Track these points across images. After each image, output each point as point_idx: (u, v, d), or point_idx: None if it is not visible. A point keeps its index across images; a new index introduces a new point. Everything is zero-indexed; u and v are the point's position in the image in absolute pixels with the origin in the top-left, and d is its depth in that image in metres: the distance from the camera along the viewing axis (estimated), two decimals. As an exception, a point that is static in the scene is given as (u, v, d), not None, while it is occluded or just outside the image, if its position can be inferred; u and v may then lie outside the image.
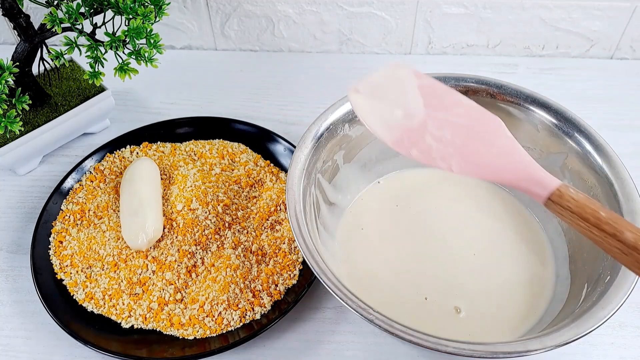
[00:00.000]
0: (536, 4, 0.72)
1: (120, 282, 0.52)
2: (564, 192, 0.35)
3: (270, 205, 0.56)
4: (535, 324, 0.48)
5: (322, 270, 0.41)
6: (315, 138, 0.50)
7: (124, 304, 0.51)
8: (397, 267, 0.52)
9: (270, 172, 0.60)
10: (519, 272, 0.51)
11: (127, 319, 0.50)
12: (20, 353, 0.50)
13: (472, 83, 0.54)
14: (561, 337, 0.38)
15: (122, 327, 0.50)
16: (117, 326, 0.50)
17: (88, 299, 0.51)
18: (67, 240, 0.55)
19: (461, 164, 0.38)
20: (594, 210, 0.34)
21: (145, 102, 0.72)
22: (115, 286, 0.52)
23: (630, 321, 0.51)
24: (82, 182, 0.60)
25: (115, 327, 0.50)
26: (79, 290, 0.52)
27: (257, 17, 0.75)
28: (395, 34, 0.76)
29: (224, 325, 0.49)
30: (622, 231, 0.32)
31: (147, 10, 0.53)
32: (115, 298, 0.51)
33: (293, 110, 0.71)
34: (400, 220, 0.56)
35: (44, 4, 0.54)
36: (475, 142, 0.38)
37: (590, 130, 0.50)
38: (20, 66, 0.58)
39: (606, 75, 0.75)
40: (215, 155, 0.62)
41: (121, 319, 0.50)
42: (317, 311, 0.52)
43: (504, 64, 0.77)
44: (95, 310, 0.51)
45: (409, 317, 0.48)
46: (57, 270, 0.53)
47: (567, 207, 0.34)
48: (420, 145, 0.39)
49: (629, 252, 0.32)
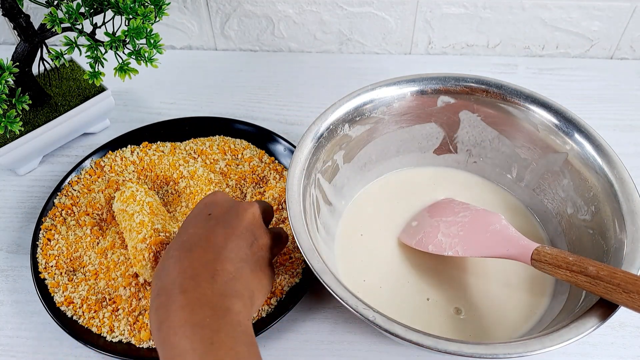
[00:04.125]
0: (536, 4, 0.72)
1: (101, 291, 0.51)
2: (540, 250, 0.43)
3: (273, 204, 0.56)
4: (535, 324, 0.48)
5: (322, 270, 0.41)
6: (315, 138, 0.50)
7: (104, 317, 0.50)
8: (398, 267, 0.52)
9: (274, 170, 0.60)
10: (519, 272, 0.51)
11: (111, 334, 0.49)
12: (20, 353, 0.50)
13: (472, 83, 0.54)
14: (561, 337, 0.38)
15: (108, 340, 0.48)
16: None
17: (67, 304, 0.51)
18: (55, 239, 0.55)
19: (464, 248, 0.48)
20: (564, 257, 0.41)
21: (145, 102, 0.72)
22: (93, 297, 0.51)
23: (630, 321, 0.51)
24: (80, 176, 0.60)
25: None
26: (58, 292, 0.51)
27: (257, 17, 0.75)
28: (395, 34, 0.76)
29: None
30: (586, 267, 0.39)
31: (147, 10, 0.53)
32: (94, 309, 0.50)
33: (293, 110, 0.71)
34: (400, 220, 0.56)
35: (44, 4, 0.54)
36: (475, 232, 0.49)
37: (590, 130, 0.50)
38: (20, 66, 0.58)
39: (606, 75, 0.75)
40: (217, 151, 0.62)
41: (105, 333, 0.49)
42: (317, 311, 0.52)
43: (504, 64, 0.77)
44: (76, 318, 0.50)
45: (409, 318, 0.48)
46: (41, 270, 0.53)
47: (545, 261, 0.42)
48: (434, 242, 0.50)
49: (596, 282, 0.39)
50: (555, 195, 0.53)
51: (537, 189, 0.55)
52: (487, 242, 0.47)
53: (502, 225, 0.48)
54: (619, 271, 0.38)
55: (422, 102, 0.55)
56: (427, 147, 0.58)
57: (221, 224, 0.42)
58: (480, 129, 0.56)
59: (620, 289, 0.37)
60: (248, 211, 0.43)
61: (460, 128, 0.57)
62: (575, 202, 0.51)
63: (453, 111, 0.55)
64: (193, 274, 0.38)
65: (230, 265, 0.39)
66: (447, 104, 0.55)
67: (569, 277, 0.40)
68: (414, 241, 0.52)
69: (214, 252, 0.39)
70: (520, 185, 0.57)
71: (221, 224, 0.42)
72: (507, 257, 0.45)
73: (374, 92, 0.53)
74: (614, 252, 0.44)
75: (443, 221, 0.52)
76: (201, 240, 0.40)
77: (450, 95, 0.54)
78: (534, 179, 0.55)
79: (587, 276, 0.39)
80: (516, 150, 0.55)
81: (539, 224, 0.55)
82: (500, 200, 0.57)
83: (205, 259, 0.39)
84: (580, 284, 0.40)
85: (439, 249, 0.50)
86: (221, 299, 0.37)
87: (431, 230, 0.52)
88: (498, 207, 0.57)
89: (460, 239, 0.49)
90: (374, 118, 0.54)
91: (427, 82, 0.54)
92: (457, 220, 0.51)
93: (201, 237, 0.41)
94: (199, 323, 0.35)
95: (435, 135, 0.57)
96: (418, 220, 0.54)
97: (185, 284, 0.37)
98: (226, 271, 0.39)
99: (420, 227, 0.53)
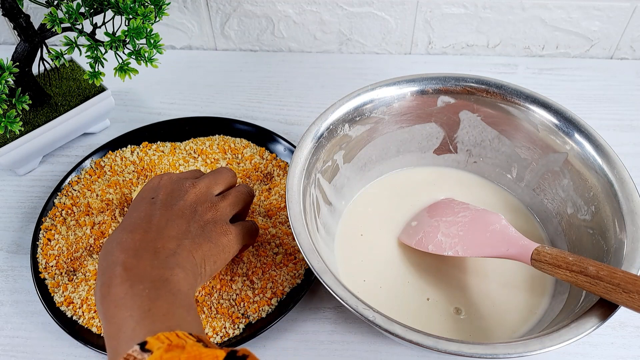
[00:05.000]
0: (536, 4, 0.72)
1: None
2: (540, 250, 0.43)
3: (280, 202, 0.56)
4: (535, 325, 0.48)
5: (322, 270, 0.41)
6: (315, 138, 0.50)
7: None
8: (398, 267, 0.52)
9: (277, 167, 0.60)
10: (519, 272, 0.51)
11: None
12: (20, 353, 0.50)
13: (472, 83, 0.54)
14: (561, 337, 0.38)
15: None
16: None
17: (66, 304, 0.50)
18: (55, 239, 0.55)
19: (464, 248, 0.48)
20: (564, 257, 0.41)
21: (145, 102, 0.72)
22: (93, 298, 0.50)
23: (630, 321, 0.51)
24: (80, 176, 0.60)
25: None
26: (58, 292, 0.51)
27: (257, 17, 0.75)
28: (395, 34, 0.76)
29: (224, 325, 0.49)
30: (586, 267, 0.39)
31: (147, 10, 0.53)
32: (95, 310, 0.50)
33: (293, 110, 0.71)
34: (400, 220, 0.56)
35: (44, 4, 0.54)
36: (475, 232, 0.49)
37: (590, 130, 0.50)
38: (20, 66, 0.58)
39: (606, 75, 0.75)
40: (217, 150, 0.62)
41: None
42: (317, 311, 0.52)
43: (504, 64, 0.77)
44: (76, 318, 0.50)
45: (409, 318, 0.48)
46: (41, 270, 0.53)
47: (544, 261, 0.42)
48: (434, 242, 0.51)
49: (596, 282, 0.39)
50: (555, 195, 0.53)
51: (537, 189, 0.55)
52: (487, 242, 0.47)
53: (502, 225, 0.48)
54: (618, 271, 0.38)
55: (422, 102, 0.55)
56: (427, 147, 0.58)
57: (163, 206, 0.44)
58: (480, 129, 0.56)
59: (620, 289, 0.37)
60: (189, 192, 0.46)
61: (460, 128, 0.57)
62: (575, 202, 0.51)
63: (453, 111, 0.55)
64: (135, 254, 0.40)
65: (171, 243, 0.41)
66: (447, 104, 0.55)
67: (568, 277, 0.40)
68: (414, 241, 0.52)
69: (156, 232, 0.42)
70: (520, 185, 0.57)
71: (163, 207, 0.44)
72: (507, 257, 0.45)
73: (374, 92, 0.53)
74: (614, 252, 0.44)
75: (443, 221, 0.52)
76: (143, 222, 0.42)
77: (450, 95, 0.54)
78: (534, 179, 0.55)
79: (587, 276, 0.39)
80: (516, 150, 0.55)
81: (539, 224, 0.55)
82: (500, 200, 0.57)
83: (146, 238, 0.41)
84: (580, 284, 0.40)
85: (439, 249, 0.50)
86: (161, 271, 0.39)
87: (431, 230, 0.52)
88: (498, 207, 0.57)
89: (460, 239, 0.49)
90: (374, 118, 0.54)
91: (427, 82, 0.54)
92: (457, 220, 0.51)
93: (143, 219, 0.43)
94: (138, 294, 0.37)
95: (435, 135, 0.57)
96: (418, 220, 0.54)
97: (127, 262, 0.39)
98: (166, 248, 0.41)
99: (420, 227, 0.53)
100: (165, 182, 0.47)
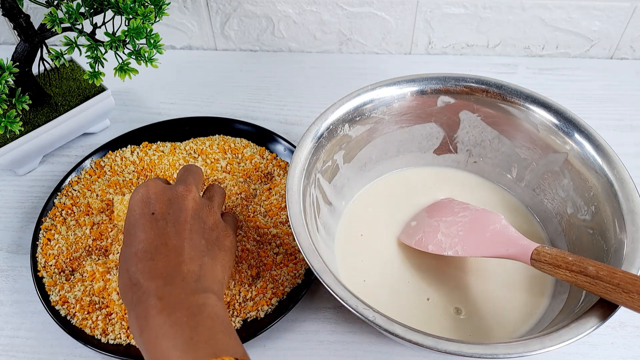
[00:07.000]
0: (536, 4, 0.72)
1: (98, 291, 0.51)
2: (540, 250, 0.43)
3: (280, 202, 0.56)
4: (535, 325, 0.48)
5: (322, 270, 0.41)
6: (315, 138, 0.50)
7: (98, 319, 0.49)
8: (398, 267, 0.52)
9: (277, 166, 0.60)
10: (519, 272, 0.51)
11: (105, 336, 0.48)
12: (20, 353, 0.50)
13: (472, 83, 0.54)
14: (561, 337, 0.38)
15: (103, 342, 0.48)
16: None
17: (61, 303, 0.50)
18: (55, 239, 0.55)
19: (464, 248, 0.48)
20: (563, 257, 0.41)
21: (145, 102, 0.72)
22: (87, 298, 0.50)
23: (630, 321, 0.51)
24: (80, 176, 0.60)
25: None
26: (54, 291, 0.51)
27: (257, 17, 0.75)
28: (395, 34, 0.76)
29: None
30: (586, 267, 0.39)
31: (147, 10, 0.53)
32: (87, 311, 0.50)
33: (293, 110, 0.71)
34: (400, 220, 0.56)
35: (44, 4, 0.54)
36: (475, 232, 0.49)
37: (590, 130, 0.50)
38: (20, 66, 0.58)
39: (606, 75, 0.75)
40: (217, 150, 0.62)
41: (99, 335, 0.48)
42: (317, 311, 0.52)
43: (504, 64, 0.77)
44: (69, 318, 0.50)
45: (409, 318, 0.48)
46: (40, 268, 0.53)
47: (544, 261, 0.42)
48: (434, 241, 0.50)
49: (595, 282, 0.39)
50: (555, 195, 0.53)
51: (537, 189, 0.55)
52: (487, 242, 0.47)
53: (502, 225, 0.48)
54: (618, 271, 0.38)
55: (422, 102, 0.55)
56: (427, 147, 0.58)
57: (170, 222, 0.43)
58: (480, 129, 0.56)
59: (620, 289, 0.37)
60: (188, 199, 0.44)
61: (460, 128, 0.57)
62: (575, 202, 0.51)
63: (453, 111, 0.55)
64: (165, 282, 0.39)
65: (193, 265, 0.41)
66: (447, 104, 0.55)
67: (568, 277, 0.40)
68: (414, 241, 0.52)
69: (175, 255, 0.41)
70: (520, 185, 0.57)
71: (170, 223, 0.43)
72: (507, 257, 0.45)
73: (374, 92, 0.53)
74: (614, 252, 0.44)
75: (443, 221, 0.52)
76: (160, 246, 0.41)
77: (450, 95, 0.54)
78: (534, 179, 0.55)
79: (586, 276, 0.39)
80: (516, 150, 0.55)
81: (539, 224, 0.55)
82: (500, 200, 0.57)
83: (170, 264, 0.40)
84: (580, 284, 0.40)
85: (439, 249, 0.50)
86: (195, 297, 0.38)
87: (431, 230, 0.52)
88: (498, 207, 0.57)
89: (460, 238, 0.49)
90: (374, 118, 0.54)
91: (427, 82, 0.54)
92: (457, 220, 0.51)
93: (158, 243, 0.41)
94: (177, 322, 0.36)
95: (435, 135, 0.57)
96: (418, 220, 0.54)
97: (159, 291, 0.38)
98: (192, 272, 0.40)
99: (420, 227, 0.53)
100: (156, 193, 0.44)
